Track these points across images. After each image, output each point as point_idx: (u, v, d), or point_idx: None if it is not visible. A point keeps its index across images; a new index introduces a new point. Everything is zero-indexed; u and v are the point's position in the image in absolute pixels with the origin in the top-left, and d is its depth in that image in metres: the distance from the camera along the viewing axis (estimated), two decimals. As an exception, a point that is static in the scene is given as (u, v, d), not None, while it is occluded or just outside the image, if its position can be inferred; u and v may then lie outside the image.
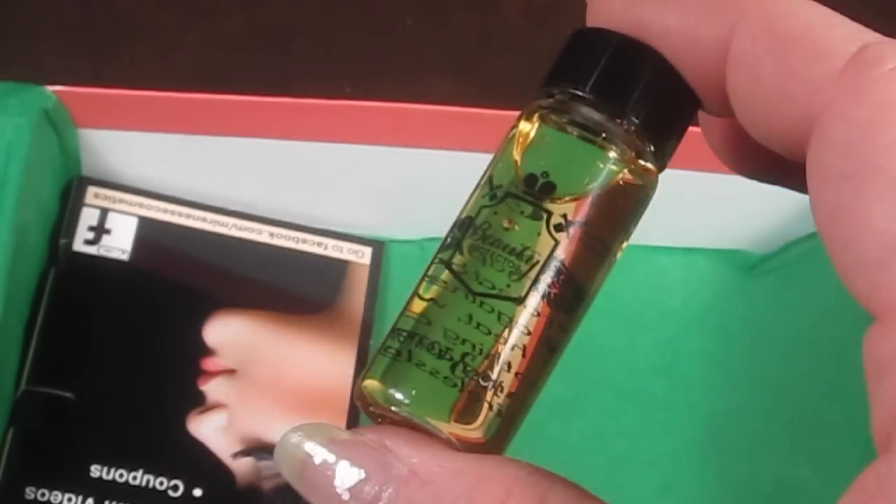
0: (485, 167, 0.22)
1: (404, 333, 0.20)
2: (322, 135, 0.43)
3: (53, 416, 0.40)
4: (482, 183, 0.22)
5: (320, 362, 0.43)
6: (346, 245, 0.45)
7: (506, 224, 0.21)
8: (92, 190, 0.43)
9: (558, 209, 0.20)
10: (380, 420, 0.20)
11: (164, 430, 0.41)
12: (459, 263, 0.21)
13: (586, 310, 0.21)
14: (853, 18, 0.19)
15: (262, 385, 0.42)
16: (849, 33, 0.19)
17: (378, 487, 0.19)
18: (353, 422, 0.42)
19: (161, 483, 0.39)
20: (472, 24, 0.53)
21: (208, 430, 0.41)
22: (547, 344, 0.21)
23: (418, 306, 0.21)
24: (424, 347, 0.20)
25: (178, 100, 0.42)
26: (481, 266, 0.20)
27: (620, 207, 0.21)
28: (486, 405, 0.20)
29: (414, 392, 0.20)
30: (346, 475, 0.19)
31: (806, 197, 0.19)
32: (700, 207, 0.45)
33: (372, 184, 0.45)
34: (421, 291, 0.21)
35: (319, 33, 0.52)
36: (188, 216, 0.44)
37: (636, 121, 0.21)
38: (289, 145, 0.44)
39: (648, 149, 0.21)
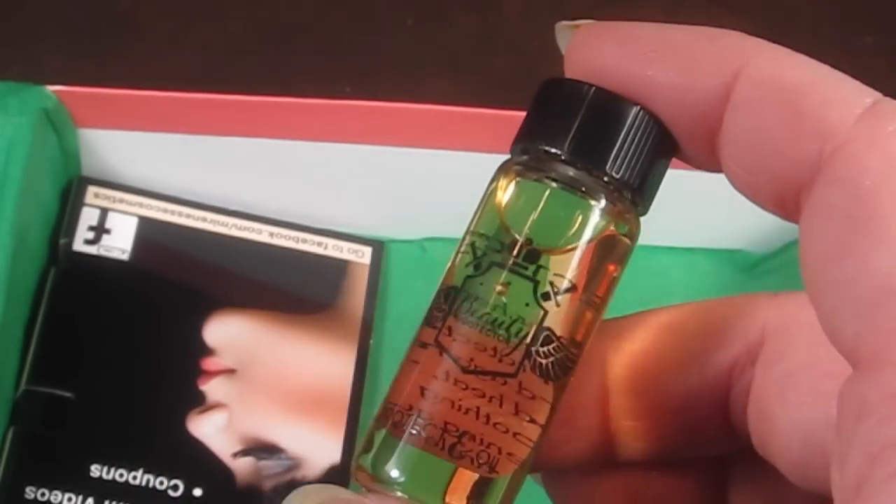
0: (485, 167, 0.22)
1: (397, 408, 0.20)
2: (322, 135, 0.43)
3: (53, 416, 0.40)
4: (464, 247, 0.21)
5: (320, 362, 0.43)
6: (346, 245, 0.45)
7: (492, 298, 0.20)
8: (92, 190, 0.43)
9: (545, 276, 0.20)
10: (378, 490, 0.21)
11: (164, 430, 0.41)
12: (447, 341, 0.20)
13: (578, 365, 0.21)
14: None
15: (262, 385, 0.42)
16: (858, 88, 0.19)
17: None
18: (352, 421, 0.42)
19: (161, 483, 0.39)
20: (472, 24, 0.53)
21: (208, 429, 0.41)
22: (542, 414, 0.20)
23: (409, 381, 0.20)
24: (417, 427, 0.20)
25: (178, 100, 0.42)
26: (471, 343, 0.20)
27: (607, 258, 0.21)
28: (479, 483, 0.20)
29: (407, 472, 0.20)
30: None
31: None
32: (700, 207, 0.45)
33: (372, 184, 0.45)
34: (411, 363, 0.21)
35: (319, 33, 0.52)
36: (188, 216, 0.44)
37: (615, 175, 0.20)
38: (289, 145, 0.44)
39: (628, 198, 0.21)
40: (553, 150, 0.20)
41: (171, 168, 0.44)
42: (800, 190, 0.19)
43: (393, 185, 0.45)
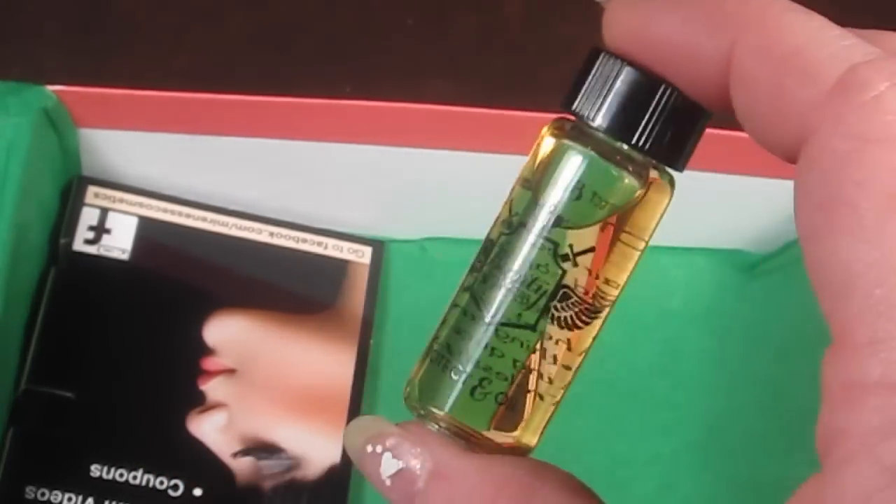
0: (485, 167, 0.23)
1: (439, 345, 0.23)
2: (322, 135, 0.43)
3: (53, 416, 0.40)
4: (506, 202, 0.23)
5: (320, 362, 0.43)
6: (346, 245, 0.45)
7: (519, 257, 0.22)
8: (92, 190, 0.43)
9: (564, 239, 0.22)
10: (423, 413, 0.23)
11: (164, 430, 0.41)
12: (479, 291, 0.23)
13: (611, 310, 0.23)
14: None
15: (262, 385, 0.42)
16: (840, 51, 0.19)
17: (412, 478, 0.22)
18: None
19: (161, 483, 0.39)
20: (472, 24, 0.53)
21: (208, 429, 0.41)
22: (567, 354, 0.23)
23: (449, 323, 0.23)
24: (456, 365, 0.23)
25: (178, 100, 0.42)
26: (498, 295, 0.23)
27: (643, 213, 0.23)
28: (516, 416, 0.23)
29: (448, 405, 0.23)
30: (389, 465, 0.22)
31: None
32: (700, 207, 0.45)
33: (372, 184, 0.45)
34: (454, 305, 0.23)
35: (319, 33, 0.52)
36: (188, 216, 0.44)
37: (648, 147, 0.22)
38: (289, 145, 0.44)
39: (663, 167, 0.23)
40: (591, 122, 0.22)
41: (171, 168, 0.44)
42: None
43: (393, 185, 0.45)
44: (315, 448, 0.41)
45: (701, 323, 0.46)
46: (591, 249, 0.22)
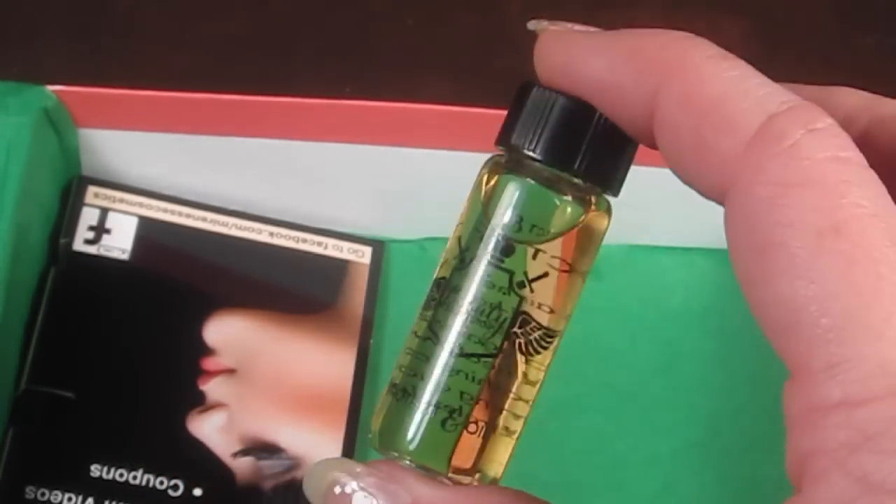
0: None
1: (400, 384, 0.23)
2: (322, 135, 0.43)
3: (53, 416, 0.40)
4: (453, 239, 0.24)
5: (320, 362, 0.43)
6: (346, 245, 0.45)
7: (473, 289, 0.23)
8: (92, 190, 0.43)
9: (520, 266, 0.23)
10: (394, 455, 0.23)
11: (164, 430, 0.41)
12: (439, 327, 0.23)
13: (560, 339, 0.24)
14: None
15: (262, 385, 0.42)
16: (757, 102, 0.19)
17: None
18: (352, 421, 0.42)
19: (161, 483, 0.39)
20: (472, 24, 0.53)
21: (208, 429, 0.41)
22: (527, 383, 0.23)
23: (408, 362, 0.23)
24: (419, 402, 0.23)
25: (178, 100, 0.42)
26: (457, 330, 0.23)
27: (584, 240, 0.23)
28: (478, 447, 0.23)
29: (413, 443, 0.23)
30: (361, 503, 0.22)
31: None
32: (700, 207, 0.45)
33: (372, 184, 0.45)
34: (408, 347, 0.24)
35: (319, 33, 0.52)
36: (188, 216, 0.44)
37: (585, 172, 0.23)
38: (289, 145, 0.44)
39: (598, 190, 0.23)
40: (528, 153, 0.23)
41: (171, 168, 0.44)
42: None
43: (393, 185, 0.45)
44: (315, 448, 0.41)
45: (701, 323, 0.46)
46: (545, 275, 0.23)
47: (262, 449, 0.41)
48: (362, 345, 0.43)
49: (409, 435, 0.23)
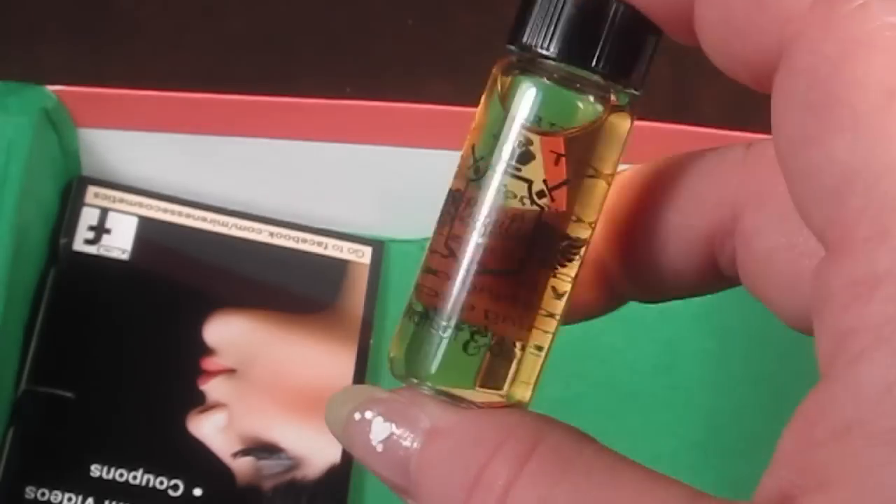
0: None
1: (420, 306, 0.22)
2: (322, 135, 0.43)
3: (53, 416, 0.40)
4: (467, 149, 0.22)
5: (320, 362, 0.43)
6: (346, 245, 0.45)
7: (491, 200, 0.21)
8: (92, 190, 0.43)
9: (538, 174, 0.21)
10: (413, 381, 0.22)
11: (164, 430, 0.41)
12: (456, 243, 0.22)
13: (587, 248, 0.22)
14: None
15: (262, 385, 0.42)
16: None
17: (405, 439, 0.21)
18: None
19: (161, 483, 0.39)
20: (472, 24, 0.53)
21: (208, 429, 0.41)
22: (555, 297, 0.22)
23: (427, 282, 0.22)
24: (440, 324, 0.21)
25: (178, 100, 0.42)
26: (476, 245, 0.21)
27: (608, 140, 0.22)
28: (504, 369, 0.22)
29: (435, 367, 0.22)
30: (380, 429, 0.21)
31: None
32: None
33: (372, 184, 0.45)
34: (427, 265, 0.22)
35: (319, 33, 0.52)
36: (188, 216, 0.44)
37: (605, 70, 0.21)
38: (289, 145, 0.44)
39: (620, 88, 0.22)
40: (542, 51, 0.21)
41: (171, 168, 0.44)
42: (770, 76, 0.19)
43: (393, 185, 0.45)
44: (315, 448, 0.41)
45: (701, 323, 0.46)
46: (566, 182, 0.21)
47: (261, 449, 0.41)
48: (362, 345, 0.43)
49: (429, 360, 0.21)
